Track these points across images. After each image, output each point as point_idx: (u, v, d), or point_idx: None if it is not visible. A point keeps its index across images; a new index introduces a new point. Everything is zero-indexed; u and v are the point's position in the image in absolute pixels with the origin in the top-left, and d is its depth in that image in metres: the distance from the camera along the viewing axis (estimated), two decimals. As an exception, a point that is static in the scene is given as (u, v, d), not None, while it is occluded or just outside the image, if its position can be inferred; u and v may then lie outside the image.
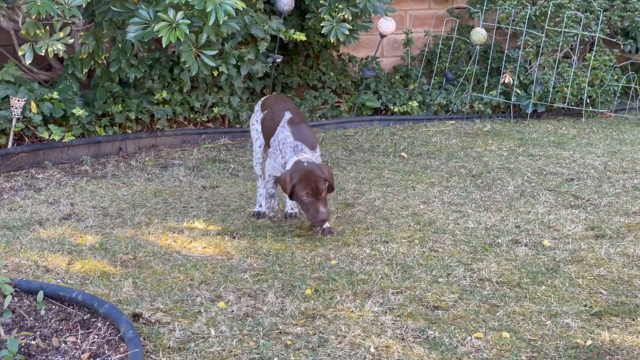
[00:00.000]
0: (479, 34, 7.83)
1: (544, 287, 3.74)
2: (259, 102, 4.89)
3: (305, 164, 4.28)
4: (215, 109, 6.98)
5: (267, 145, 4.66)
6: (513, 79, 8.00)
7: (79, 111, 6.04)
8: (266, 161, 4.62)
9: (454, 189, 5.39)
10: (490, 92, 8.04)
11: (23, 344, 3.13)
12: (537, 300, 3.59)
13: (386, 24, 7.53)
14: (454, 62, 8.37)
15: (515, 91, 7.97)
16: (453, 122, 7.78)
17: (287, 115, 4.54)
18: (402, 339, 3.22)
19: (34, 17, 5.42)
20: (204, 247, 4.26)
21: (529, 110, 7.91)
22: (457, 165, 6.03)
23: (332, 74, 7.97)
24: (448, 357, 3.07)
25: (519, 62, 8.06)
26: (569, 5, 7.96)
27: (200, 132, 6.89)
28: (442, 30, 8.60)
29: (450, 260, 4.06)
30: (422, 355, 3.09)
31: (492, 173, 5.76)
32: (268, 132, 4.61)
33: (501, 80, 8.03)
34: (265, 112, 4.74)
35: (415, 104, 7.91)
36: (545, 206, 4.97)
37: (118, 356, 3.05)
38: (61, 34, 5.72)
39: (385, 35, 7.65)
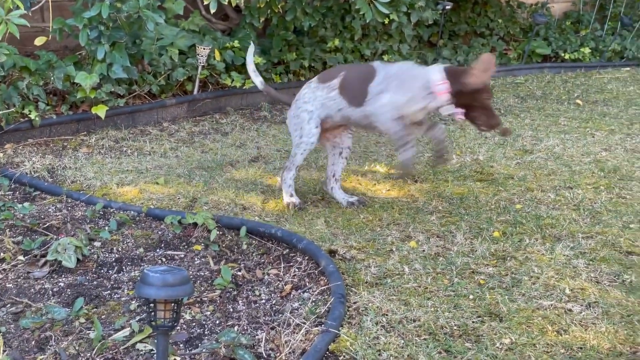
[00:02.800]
0: (659, -24, 7.48)
1: None
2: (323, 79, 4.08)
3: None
4: (385, 57, 7.04)
5: (357, 103, 3.91)
6: (694, 23, 7.63)
7: (257, 59, 6.25)
8: (384, 96, 3.83)
9: (636, 136, 5.25)
10: (669, 37, 7.70)
11: (232, 274, 3.35)
12: None
13: (560, -32, 7.32)
14: (629, 6, 8.04)
15: (696, 36, 7.60)
16: (628, 69, 7.52)
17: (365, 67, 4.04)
18: (598, 282, 3.22)
19: (217, -33, 5.63)
20: (388, 190, 4.37)
21: None
22: (638, 113, 5.85)
23: (500, 20, 7.85)
24: (647, 301, 3.06)
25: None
26: None
27: (370, 79, 6.97)
28: (617, -27, 8.28)
29: (640, 206, 4.00)
30: (620, 298, 3.08)
31: (676, 120, 5.58)
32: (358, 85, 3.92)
33: (681, 25, 7.68)
34: (341, 74, 3.98)
35: (587, 50, 7.69)
36: None
37: (320, 288, 3.21)
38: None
39: (558, -20, 7.45)
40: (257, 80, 4.34)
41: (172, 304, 2.41)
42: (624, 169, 4.58)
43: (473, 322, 2.94)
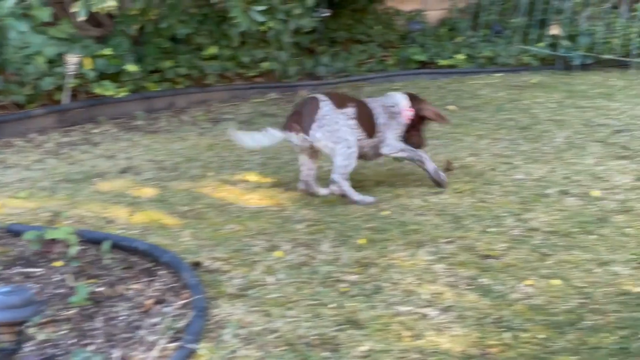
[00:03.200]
0: (526, -15, 7.76)
1: (593, 236, 3.79)
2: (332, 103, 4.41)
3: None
4: (264, 64, 7.05)
5: (371, 135, 4.46)
6: (561, 31, 7.93)
7: (131, 67, 6.16)
8: (386, 143, 4.48)
9: (502, 141, 5.42)
10: (537, 44, 7.99)
11: (89, 291, 3.27)
12: (587, 249, 3.65)
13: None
14: (501, 14, 8.31)
15: (562, 43, 7.91)
16: (500, 74, 7.76)
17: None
18: (455, 286, 3.31)
19: (86, -26, 5.51)
20: (259, 199, 4.37)
21: (577, 62, 7.86)
22: (505, 118, 6.05)
23: (378, 27, 7.99)
24: (499, 304, 3.16)
25: (566, 14, 7.98)
26: (619, -46, 7.84)
27: (249, 86, 6.98)
28: (489, -18, 8.54)
29: (500, 210, 4.13)
30: (475, 301, 3.18)
31: (540, 125, 5.78)
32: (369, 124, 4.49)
33: (549, 32, 7.97)
34: (355, 108, 4.45)
35: (461, 56, 7.90)
36: (593, 157, 4.99)
37: (181, 302, 3.18)
38: (113, -8, 5.80)
39: (431, -12, 7.63)
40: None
41: (15, 326, 2.34)
42: (488, 173, 4.73)
43: (333, 330, 2.97)
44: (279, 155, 5.18)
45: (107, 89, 5.98)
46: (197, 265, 3.53)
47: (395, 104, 4.54)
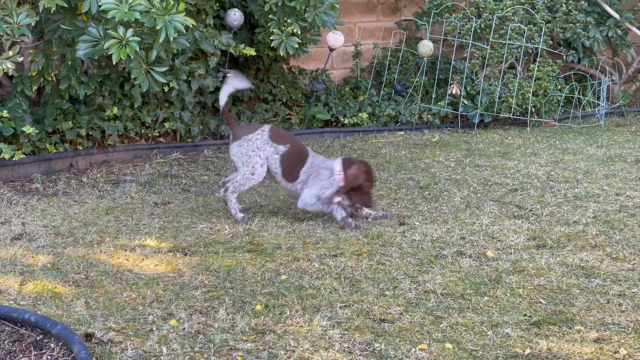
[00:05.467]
0: (426, 46, 8.00)
1: (486, 297, 3.88)
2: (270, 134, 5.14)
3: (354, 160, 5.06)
4: (167, 124, 7.03)
5: (291, 178, 5.10)
6: (460, 90, 8.18)
7: (29, 129, 6.05)
8: (305, 191, 5.04)
9: (402, 201, 5.52)
10: (438, 103, 8.21)
11: (-25, 367, 3.17)
12: (480, 311, 3.73)
13: (335, 38, 7.66)
14: (402, 74, 8.53)
15: (462, 102, 8.16)
16: (402, 132, 7.93)
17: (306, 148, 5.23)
18: (350, 352, 3.32)
19: (-18, 36, 5.42)
20: (156, 265, 4.32)
21: (476, 120, 8.10)
22: (406, 177, 6.16)
23: (282, 86, 8.07)
24: (393, 370, 3.19)
25: (465, 74, 8.25)
26: (513, 17, 8.17)
27: (152, 147, 6.94)
28: (391, 42, 8.77)
29: (397, 273, 4.18)
30: (369, 368, 3.20)
31: (439, 184, 5.91)
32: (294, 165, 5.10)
33: (449, 91, 8.21)
34: (288, 146, 5.11)
35: (365, 115, 8.05)
36: (489, 217, 5.13)
37: (71, 377, 3.10)
38: (10, 53, 5.73)
39: (334, 49, 7.79)
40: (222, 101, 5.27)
41: None
42: (386, 234, 4.79)
43: (225, 402, 2.93)
44: (178, 219, 5.14)
45: (3, 152, 5.84)
46: (89, 337, 3.45)
47: (329, 168, 5.02)
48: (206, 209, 5.35)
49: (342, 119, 8.05)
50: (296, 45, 6.95)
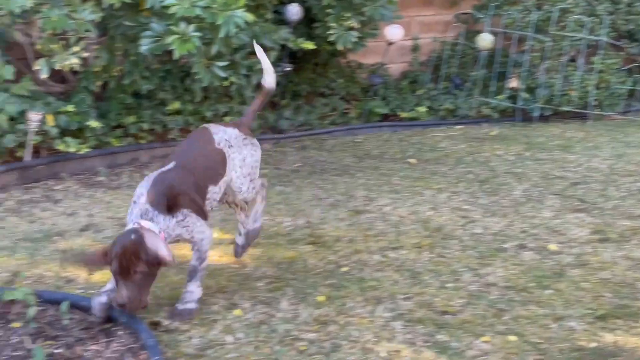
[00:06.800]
0: (485, 39, 7.94)
1: (549, 291, 3.85)
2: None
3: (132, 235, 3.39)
4: (227, 118, 7.10)
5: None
6: (520, 83, 8.09)
7: (94, 123, 6.18)
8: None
9: (462, 194, 5.50)
10: (497, 97, 8.14)
11: (48, 353, 3.26)
12: (543, 304, 3.71)
13: (394, 31, 7.65)
14: (461, 67, 8.47)
15: (522, 95, 8.07)
16: (461, 126, 7.88)
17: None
18: (412, 344, 3.34)
19: (49, 32, 5.56)
20: (220, 256, 4.39)
21: (536, 114, 8.01)
22: (465, 171, 6.13)
23: (340, 81, 8.08)
24: (456, 361, 3.19)
25: (525, 67, 8.16)
26: (574, 9, 8.06)
27: (212, 141, 7.01)
28: (449, 36, 8.71)
29: (458, 265, 4.18)
30: (431, 359, 3.21)
31: (499, 178, 5.88)
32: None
33: (508, 85, 8.13)
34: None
35: (423, 109, 8.01)
36: (551, 210, 5.08)
37: (139, 364, 3.18)
38: (76, 48, 5.85)
39: (392, 42, 7.77)
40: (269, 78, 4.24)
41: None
42: (447, 227, 4.79)
43: (290, 391, 2.98)
44: (240, 211, 5.20)
45: (70, 146, 5.97)
46: (156, 325, 3.53)
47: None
48: (267, 202, 5.39)
49: (400, 113, 8.03)
50: (355, 39, 6.96)
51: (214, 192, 3.77)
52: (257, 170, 4.07)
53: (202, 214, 3.69)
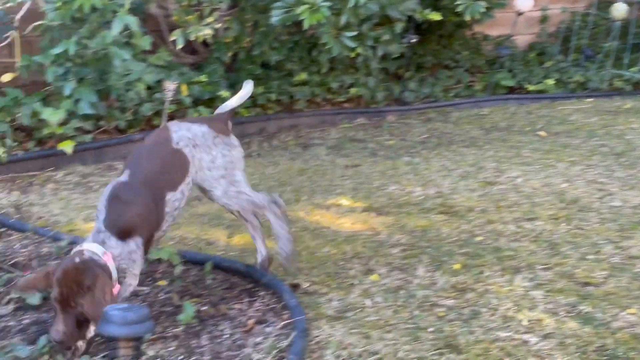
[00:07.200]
0: (619, 9, 7.68)
1: (696, 265, 3.72)
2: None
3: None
4: (352, 90, 7.14)
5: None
6: (654, 55, 7.80)
7: (225, 93, 6.32)
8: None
9: (596, 167, 5.36)
10: (631, 69, 7.86)
11: (196, 310, 3.38)
12: (690, 279, 3.59)
13: (524, 1, 7.49)
14: (592, 38, 8.22)
15: (656, 67, 7.78)
16: (592, 100, 7.65)
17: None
18: (554, 313, 3.29)
19: (184, 3, 5.72)
20: (353, 223, 4.43)
21: (671, 87, 7.70)
22: (598, 144, 5.97)
23: (465, 53, 7.99)
24: (602, 332, 3.13)
25: (660, 38, 7.85)
26: None
27: (337, 112, 7.07)
28: (580, 6, 8.46)
29: (597, 238, 4.08)
30: (576, 329, 3.15)
31: (635, 151, 5.69)
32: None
33: (642, 57, 7.85)
34: None
35: (551, 82, 7.83)
36: (693, 185, 4.89)
37: (282, 323, 3.25)
38: (209, 19, 5.99)
39: (522, 13, 7.62)
40: None
41: (133, 341, 2.45)
42: (583, 200, 4.68)
43: (432, 354, 3.00)
44: (369, 180, 5.23)
45: (203, 114, 6.14)
46: (295, 287, 3.60)
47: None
48: (396, 172, 5.41)
49: (527, 86, 7.86)
50: (483, 10, 6.84)
51: (175, 199, 3.33)
52: (237, 171, 3.53)
53: (150, 242, 3.30)
